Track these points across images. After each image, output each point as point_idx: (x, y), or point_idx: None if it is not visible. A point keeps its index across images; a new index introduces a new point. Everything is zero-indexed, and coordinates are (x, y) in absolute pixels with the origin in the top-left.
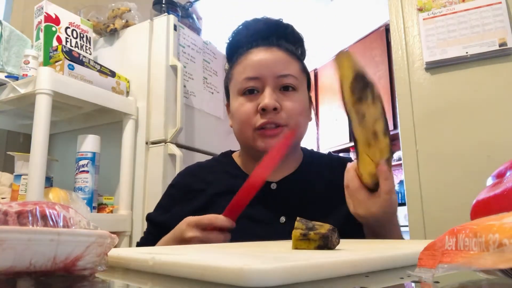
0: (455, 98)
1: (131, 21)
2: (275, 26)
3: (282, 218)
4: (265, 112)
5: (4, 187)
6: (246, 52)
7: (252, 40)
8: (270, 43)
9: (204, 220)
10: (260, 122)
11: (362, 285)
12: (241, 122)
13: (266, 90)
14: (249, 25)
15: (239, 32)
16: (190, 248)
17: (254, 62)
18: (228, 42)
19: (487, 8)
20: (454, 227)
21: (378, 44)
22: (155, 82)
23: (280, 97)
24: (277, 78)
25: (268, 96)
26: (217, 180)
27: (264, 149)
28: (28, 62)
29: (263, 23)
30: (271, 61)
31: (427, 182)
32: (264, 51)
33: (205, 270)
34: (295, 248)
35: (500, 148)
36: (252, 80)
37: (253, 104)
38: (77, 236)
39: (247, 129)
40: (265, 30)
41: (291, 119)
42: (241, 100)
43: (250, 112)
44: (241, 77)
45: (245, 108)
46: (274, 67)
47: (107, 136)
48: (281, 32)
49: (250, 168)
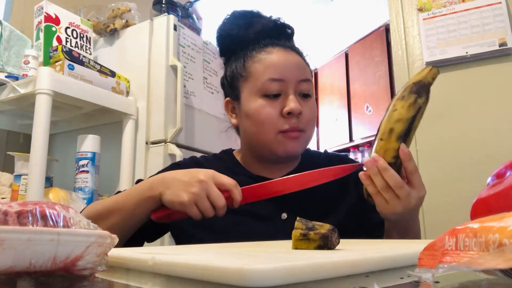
0: (455, 98)
1: (131, 21)
2: (282, 27)
3: (283, 214)
4: (289, 116)
5: (4, 187)
6: (264, 51)
7: (262, 37)
8: (285, 45)
9: (224, 180)
10: (286, 126)
11: (362, 285)
12: (262, 124)
13: (290, 94)
14: (251, 22)
15: (238, 24)
16: (190, 248)
17: (278, 63)
18: (222, 32)
19: (487, 8)
20: (454, 227)
21: (378, 44)
22: (155, 82)
23: (301, 102)
24: (298, 83)
25: (294, 100)
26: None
27: (284, 153)
28: (28, 62)
29: (270, 21)
30: (293, 64)
31: (427, 182)
32: (284, 53)
33: (205, 270)
34: (295, 248)
35: (500, 148)
36: (276, 82)
37: (277, 107)
38: (77, 236)
39: (270, 132)
40: (274, 29)
41: (308, 125)
42: (262, 102)
43: (274, 116)
44: (263, 77)
45: (267, 110)
46: (297, 71)
47: (107, 136)
48: (289, 34)
49: (251, 166)
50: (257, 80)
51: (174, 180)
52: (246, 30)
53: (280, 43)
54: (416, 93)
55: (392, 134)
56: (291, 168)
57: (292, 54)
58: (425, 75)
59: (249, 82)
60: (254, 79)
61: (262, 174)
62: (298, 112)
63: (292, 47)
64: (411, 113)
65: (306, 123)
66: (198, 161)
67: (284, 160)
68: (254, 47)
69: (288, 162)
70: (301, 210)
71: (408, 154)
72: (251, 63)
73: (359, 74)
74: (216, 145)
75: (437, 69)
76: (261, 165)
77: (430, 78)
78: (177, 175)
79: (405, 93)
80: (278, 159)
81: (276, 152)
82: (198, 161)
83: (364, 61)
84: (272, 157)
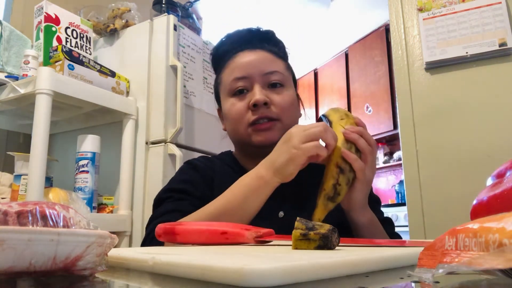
0: (455, 98)
1: (131, 21)
2: (257, 32)
3: (280, 212)
4: (256, 108)
5: (4, 187)
6: (233, 56)
7: (236, 46)
8: (254, 45)
9: (314, 131)
10: (253, 118)
11: (362, 285)
12: (235, 121)
13: (255, 87)
14: (231, 35)
15: (223, 43)
16: (190, 248)
17: (241, 63)
18: (213, 54)
19: (487, 8)
20: (454, 227)
21: (378, 44)
22: (155, 82)
23: (269, 93)
24: (264, 76)
25: (258, 92)
26: (222, 172)
27: (260, 142)
28: (28, 62)
29: (246, 31)
30: (257, 60)
31: (427, 182)
32: (249, 53)
33: (205, 270)
34: (295, 248)
35: (500, 148)
36: (240, 80)
37: (244, 102)
38: (77, 236)
39: (241, 126)
40: (247, 35)
41: (282, 113)
42: (232, 101)
43: (242, 110)
44: (229, 78)
45: (237, 107)
46: (261, 65)
47: (107, 136)
48: (263, 36)
49: (246, 164)
50: (226, 83)
51: (274, 154)
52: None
53: (248, 46)
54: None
55: (348, 115)
56: None
57: (258, 52)
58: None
59: (222, 87)
60: (224, 83)
61: None
62: (263, 101)
63: (262, 46)
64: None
65: (279, 111)
66: (209, 158)
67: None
68: (228, 56)
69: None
70: (297, 208)
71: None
72: (223, 70)
73: (359, 74)
74: (216, 145)
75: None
76: (254, 161)
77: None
78: (270, 154)
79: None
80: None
81: (253, 144)
82: (209, 158)
83: (364, 61)
84: (255, 150)
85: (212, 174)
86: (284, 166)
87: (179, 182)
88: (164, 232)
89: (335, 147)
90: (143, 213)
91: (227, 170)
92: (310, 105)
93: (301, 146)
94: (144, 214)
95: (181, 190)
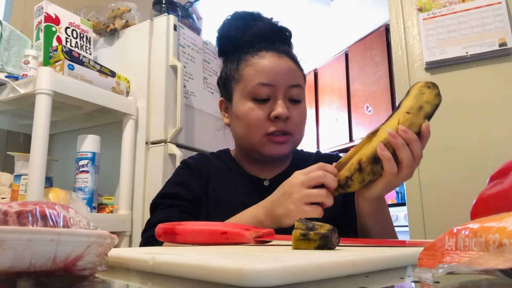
0: (455, 98)
1: (131, 21)
2: (280, 31)
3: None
4: (276, 120)
5: (4, 187)
6: (257, 55)
7: (258, 41)
8: (278, 49)
9: (313, 176)
10: (272, 129)
11: (362, 285)
12: (250, 127)
13: (279, 99)
14: (247, 21)
15: (236, 26)
16: (190, 248)
17: (268, 68)
18: (221, 33)
19: (487, 8)
20: (454, 227)
21: (378, 44)
22: (155, 82)
23: (289, 107)
24: (288, 88)
25: (282, 105)
26: (218, 170)
27: (272, 154)
28: (28, 62)
29: (268, 25)
30: (284, 70)
31: (427, 182)
32: (276, 58)
33: (205, 270)
34: (295, 248)
35: (500, 148)
36: (266, 87)
37: (265, 111)
38: (77, 236)
39: (256, 134)
40: (270, 33)
41: (296, 128)
42: (251, 105)
43: (261, 119)
44: (253, 80)
45: (256, 113)
46: (287, 76)
47: (107, 136)
48: (285, 38)
49: (244, 165)
50: (248, 84)
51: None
52: (243, 32)
53: (274, 48)
54: (438, 89)
55: (421, 111)
56: (282, 168)
57: (285, 59)
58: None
59: (240, 84)
60: (245, 82)
61: (254, 173)
62: (285, 117)
63: (287, 51)
64: (436, 101)
65: (294, 127)
66: (206, 156)
67: (272, 160)
68: (248, 50)
69: (277, 162)
70: None
71: (429, 132)
72: (244, 66)
73: (359, 74)
74: (216, 145)
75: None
76: (253, 164)
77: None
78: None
79: (429, 84)
80: (267, 159)
81: (262, 153)
82: (205, 155)
83: (364, 61)
84: (261, 158)
85: (208, 172)
86: (282, 218)
87: (173, 185)
88: (164, 232)
89: (371, 143)
90: (143, 213)
91: (223, 168)
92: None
93: (300, 208)
94: (144, 214)
95: (173, 195)
